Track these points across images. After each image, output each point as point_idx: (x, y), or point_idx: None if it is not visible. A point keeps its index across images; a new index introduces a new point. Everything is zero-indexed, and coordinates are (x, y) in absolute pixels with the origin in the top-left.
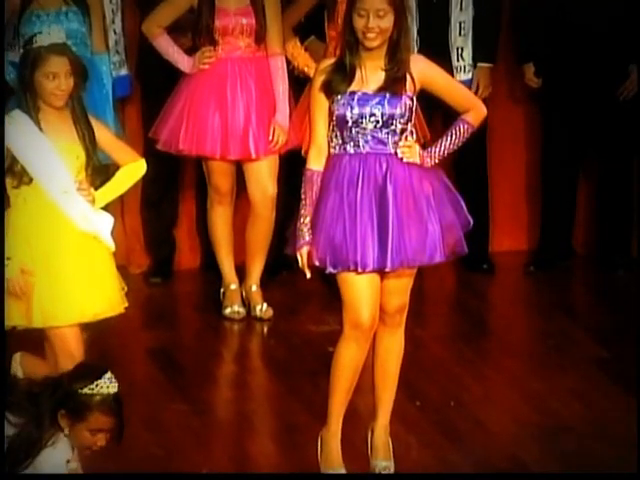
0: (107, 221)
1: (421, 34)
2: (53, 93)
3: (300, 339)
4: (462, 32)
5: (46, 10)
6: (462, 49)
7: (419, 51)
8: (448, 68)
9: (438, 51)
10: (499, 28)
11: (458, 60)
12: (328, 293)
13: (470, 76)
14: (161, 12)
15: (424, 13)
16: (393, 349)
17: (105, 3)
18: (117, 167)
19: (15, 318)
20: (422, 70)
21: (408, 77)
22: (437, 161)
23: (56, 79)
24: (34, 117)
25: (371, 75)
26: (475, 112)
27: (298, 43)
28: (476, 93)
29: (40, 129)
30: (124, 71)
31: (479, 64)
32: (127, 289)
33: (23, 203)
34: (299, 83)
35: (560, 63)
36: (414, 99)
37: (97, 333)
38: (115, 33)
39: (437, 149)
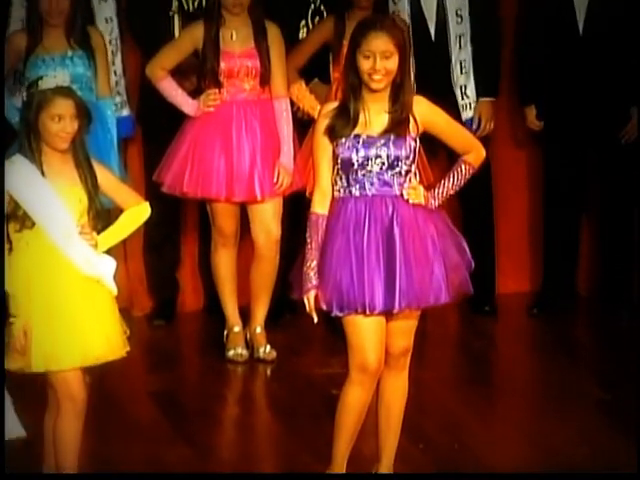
0: (109, 264)
1: (421, 74)
2: (58, 135)
3: (303, 381)
4: (463, 70)
5: (51, 54)
6: (465, 87)
7: (418, 91)
8: (452, 107)
9: (441, 90)
10: (499, 62)
11: (463, 98)
12: (331, 336)
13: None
14: (165, 55)
15: (423, 53)
16: (397, 392)
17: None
18: (120, 211)
19: (15, 362)
20: (424, 112)
21: (411, 119)
22: (441, 202)
23: (61, 121)
24: (36, 160)
25: (375, 117)
26: (475, 153)
27: (303, 85)
28: (478, 127)
29: (42, 173)
30: (126, 112)
31: (481, 98)
32: (130, 332)
33: (25, 247)
34: (303, 125)
35: (561, 106)
36: (417, 140)
37: (100, 376)
38: (115, 74)
39: (440, 190)
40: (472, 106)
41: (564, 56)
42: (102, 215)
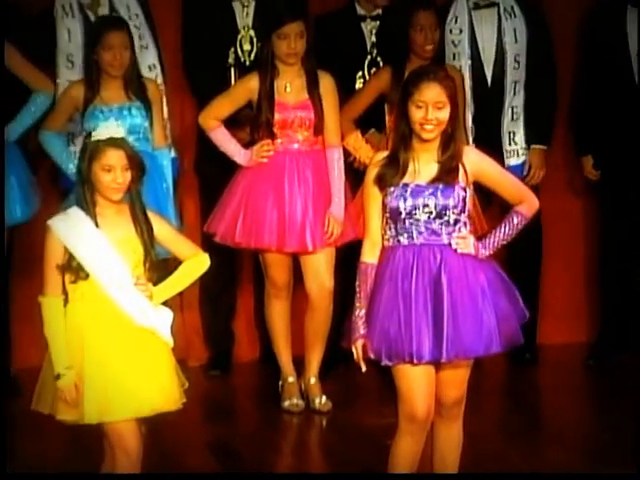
0: (166, 316)
1: (475, 120)
2: (109, 186)
3: (358, 432)
4: (514, 117)
5: (109, 105)
6: (514, 133)
7: (475, 139)
8: (499, 153)
9: (489, 136)
10: (553, 110)
11: (510, 144)
12: (385, 386)
13: (522, 160)
14: (218, 105)
15: (479, 98)
16: (451, 442)
17: None
18: (177, 262)
19: (67, 413)
20: (474, 161)
21: (461, 168)
22: (491, 252)
23: (112, 172)
24: (91, 212)
25: (424, 167)
26: (528, 204)
27: (359, 135)
28: (528, 175)
29: (96, 224)
30: (173, 154)
31: (532, 146)
32: (187, 384)
33: (80, 298)
34: (359, 175)
35: (618, 156)
36: (467, 190)
37: (155, 426)
38: (162, 119)
39: (491, 240)
40: (519, 153)
41: (621, 105)
42: (158, 266)
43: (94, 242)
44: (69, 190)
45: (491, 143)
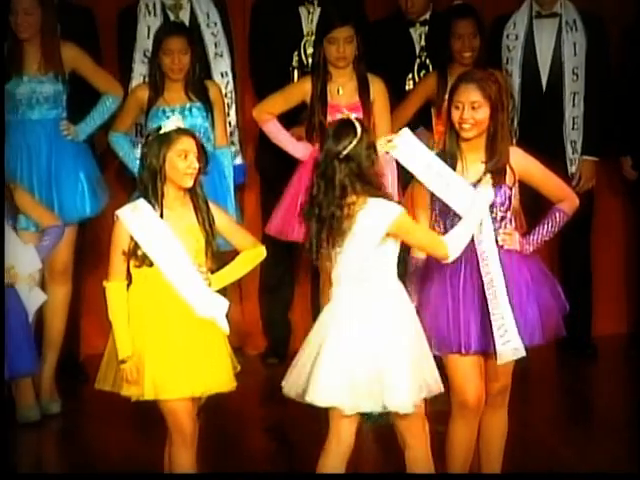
0: (223, 305)
1: (529, 126)
2: (185, 172)
3: None
4: (575, 126)
5: (172, 106)
6: (575, 142)
7: (525, 142)
8: (559, 161)
9: (549, 144)
10: (608, 123)
11: (573, 153)
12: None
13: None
14: (272, 100)
15: (533, 105)
16: (496, 429)
17: None
18: (235, 254)
19: (129, 389)
20: (520, 162)
21: (507, 168)
22: (535, 248)
23: (188, 158)
24: (159, 203)
25: (471, 166)
26: (569, 202)
27: None
28: (577, 185)
29: (161, 215)
30: (239, 160)
31: (584, 157)
32: (240, 369)
33: (144, 281)
34: (407, 173)
35: None
36: (513, 189)
37: (216, 410)
38: (230, 125)
39: (535, 237)
40: (581, 161)
41: None
42: (218, 257)
43: (159, 233)
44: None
45: (552, 151)
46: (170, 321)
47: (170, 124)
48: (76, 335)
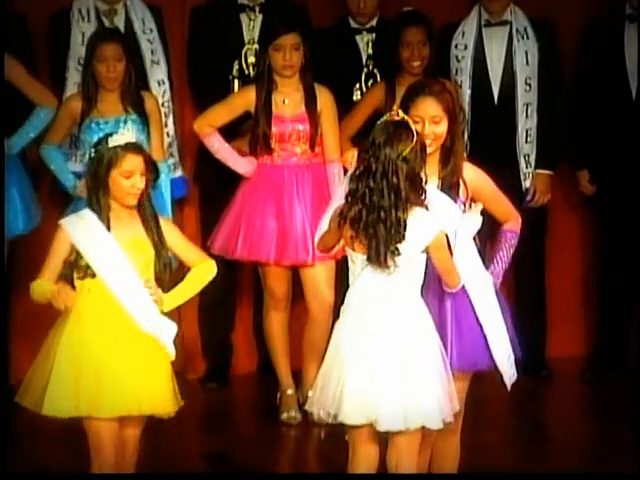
0: (170, 327)
1: (480, 139)
2: (128, 192)
3: None
4: (529, 139)
5: (106, 118)
6: (529, 156)
7: (477, 156)
8: (512, 175)
9: (501, 157)
10: (561, 135)
11: (527, 167)
12: None
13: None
14: (214, 111)
15: (484, 117)
16: (449, 456)
17: None
18: (183, 272)
19: (64, 408)
20: (473, 178)
21: (461, 183)
22: (502, 277)
23: (132, 178)
24: (104, 216)
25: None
26: (514, 221)
27: (356, 154)
28: (532, 199)
29: (108, 228)
30: (179, 173)
31: (538, 171)
32: (184, 395)
33: (87, 293)
34: None
35: (614, 171)
36: (467, 205)
37: (153, 437)
38: (168, 136)
39: (498, 266)
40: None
41: (617, 120)
42: (168, 272)
43: (104, 244)
44: (70, 201)
45: (506, 165)
46: (111, 335)
47: (120, 137)
48: (4, 359)
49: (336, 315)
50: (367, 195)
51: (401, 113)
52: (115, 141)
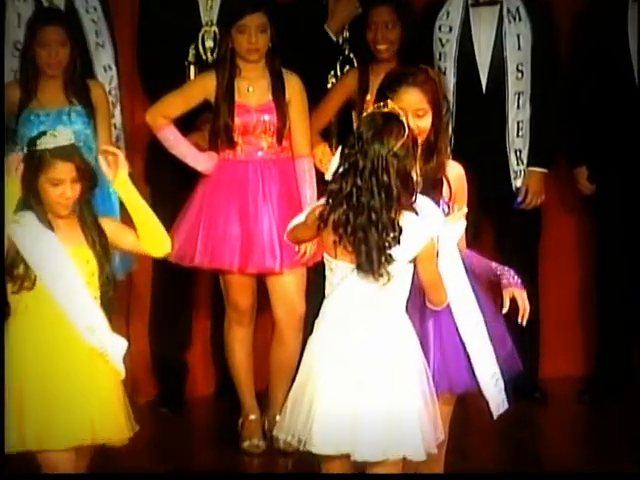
0: (119, 344)
1: (466, 131)
2: (57, 201)
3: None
4: (520, 132)
5: (47, 109)
6: (521, 151)
7: (463, 150)
8: (504, 173)
9: (490, 152)
10: (557, 130)
11: (518, 164)
12: None
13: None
14: (169, 102)
15: (471, 107)
16: None
17: None
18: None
19: (9, 443)
20: (457, 179)
21: (445, 182)
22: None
23: (60, 186)
24: (42, 218)
25: None
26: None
27: (327, 148)
28: (524, 200)
29: (52, 228)
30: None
31: (531, 168)
32: (135, 419)
33: (24, 310)
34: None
35: (616, 167)
36: (451, 207)
37: (103, 467)
38: (115, 127)
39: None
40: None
41: (619, 110)
42: (112, 286)
43: (48, 245)
44: None
45: (494, 162)
46: (55, 356)
47: (50, 140)
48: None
49: (307, 330)
50: (354, 195)
51: (391, 104)
52: (45, 143)
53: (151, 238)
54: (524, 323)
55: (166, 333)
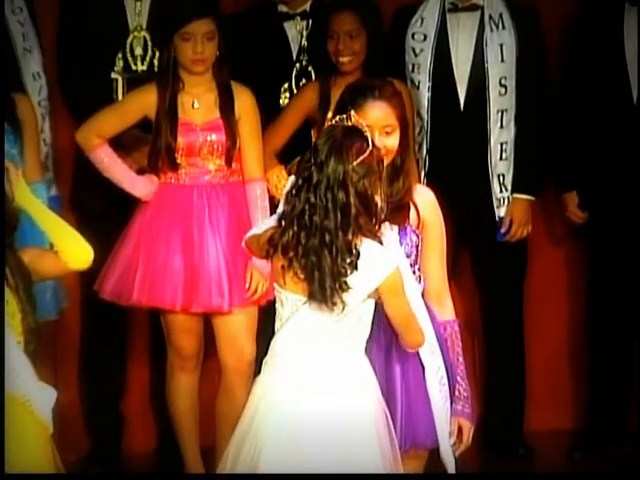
0: (47, 393)
1: (439, 152)
2: None
3: None
4: (504, 155)
5: None
6: (504, 176)
7: (438, 175)
8: (487, 200)
9: (469, 177)
10: (545, 151)
11: (501, 190)
12: None
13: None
14: (103, 119)
15: (446, 126)
16: None
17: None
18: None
19: None
20: (427, 205)
21: (412, 208)
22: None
23: None
24: None
25: None
26: (447, 303)
27: (283, 172)
28: (508, 231)
29: None
30: (53, 191)
31: (516, 195)
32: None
33: None
34: None
35: (610, 193)
36: (420, 235)
37: None
38: (45, 143)
39: (460, 385)
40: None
41: (614, 129)
42: (36, 336)
43: None
44: None
45: (475, 188)
46: None
47: None
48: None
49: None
50: (306, 213)
51: (355, 117)
52: None
53: (70, 248)
54: (457, 454)
55: (99, 380)
